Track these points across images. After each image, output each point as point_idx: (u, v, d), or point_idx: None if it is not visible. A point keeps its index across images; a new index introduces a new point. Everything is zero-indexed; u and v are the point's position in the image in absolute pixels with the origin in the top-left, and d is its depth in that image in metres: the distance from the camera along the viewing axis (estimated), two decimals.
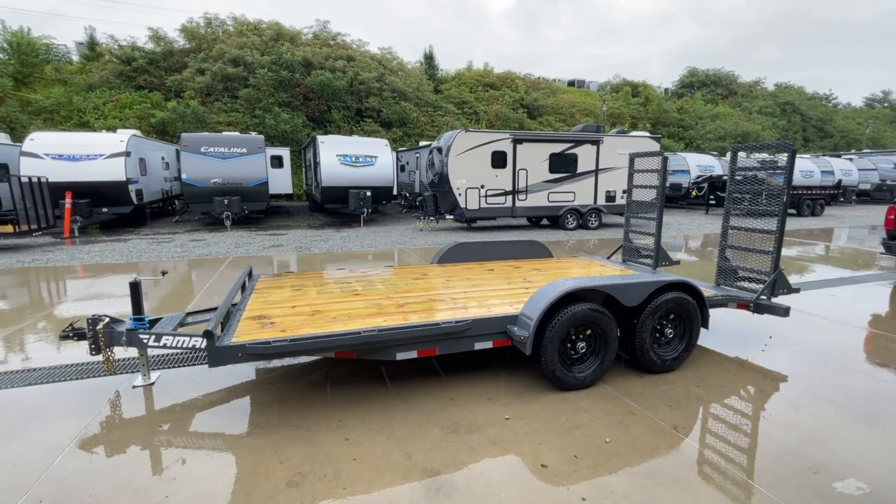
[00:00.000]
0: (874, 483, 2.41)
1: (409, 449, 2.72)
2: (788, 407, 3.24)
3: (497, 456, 2.65)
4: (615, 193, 13.55)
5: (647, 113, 38.60)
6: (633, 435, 2.87)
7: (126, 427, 2.98)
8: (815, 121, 43.02)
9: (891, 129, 46.99)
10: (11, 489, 2.36)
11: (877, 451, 2.70)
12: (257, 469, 2.53)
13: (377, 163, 14.98)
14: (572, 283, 3.38)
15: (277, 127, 24.73)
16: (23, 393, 3.44)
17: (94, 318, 3.34)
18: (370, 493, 2.34)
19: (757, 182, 4.65)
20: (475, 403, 3.27)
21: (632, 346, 3.64)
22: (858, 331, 4.92)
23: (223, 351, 2.80)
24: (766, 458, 2.63)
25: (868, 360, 4.10)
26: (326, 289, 4.24)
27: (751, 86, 46.61)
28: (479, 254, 5.75)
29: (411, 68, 33.84)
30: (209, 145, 13.78)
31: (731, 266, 4.91)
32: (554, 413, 3.13)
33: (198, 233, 12.83)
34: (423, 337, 3.21)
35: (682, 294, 3.69)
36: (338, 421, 3.04)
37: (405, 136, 28.70)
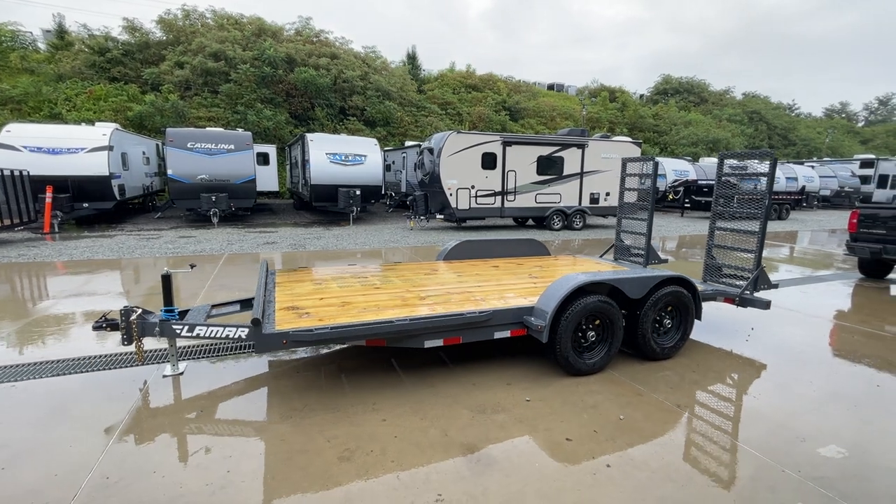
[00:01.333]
0: (851, 448, 2.79)
1: (443, 427, 2.96)
2: (773, 388, 3.63)
3: (525, 432, 2.92)
4: (599, 196, 14.08)
5: (623, 118, 39.79)
6: (643, 412, 3.19)
7: (169, 412, 3.11)
8: (780, 129, 45.25)
9: (848, 139, 49.85)
10: (76, 467, 2.48)
11: (851, 423, 3.10)
12: (307, 447, 2.72)
13: (367, 162, 15.08)
14: (584, 277, 3.69)
15: (260, 124, 24.41)
16: (56, 382, 3.51)
17: (126, 310, 3.44)
18: (417, 465, 2.57)
19: (732, 186, 5.08)
20: (496, 388, 3.53)
21: (634, 336, 3.98)
22: (828, 323, 5.42)
23: (269, 338, 2.98)
24: (759, 430, 2.99)
25: (838, 348, 4.57)
26: (346, 283, 4.42)
27: (721, 94, 48.59)
28: (482, 251, 6.02)
29: (395, 68, 33.89)
30: (196, 141, 13.61)
31: (716, 264, 5.34)
32: (570, 395, 3.43)
33: (184, 229, 12.66)
34: (450, 326, 3.45)
35: (680, 288, 4.05)
36: (372, 404, 3.25)
37: (389, 136, 28.76)
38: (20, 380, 3.53)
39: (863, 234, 7.41)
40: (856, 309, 6.10)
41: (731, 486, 2.43)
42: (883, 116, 64.56)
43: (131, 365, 3.83)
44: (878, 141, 51.10)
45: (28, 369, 3.71)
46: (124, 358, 3.95)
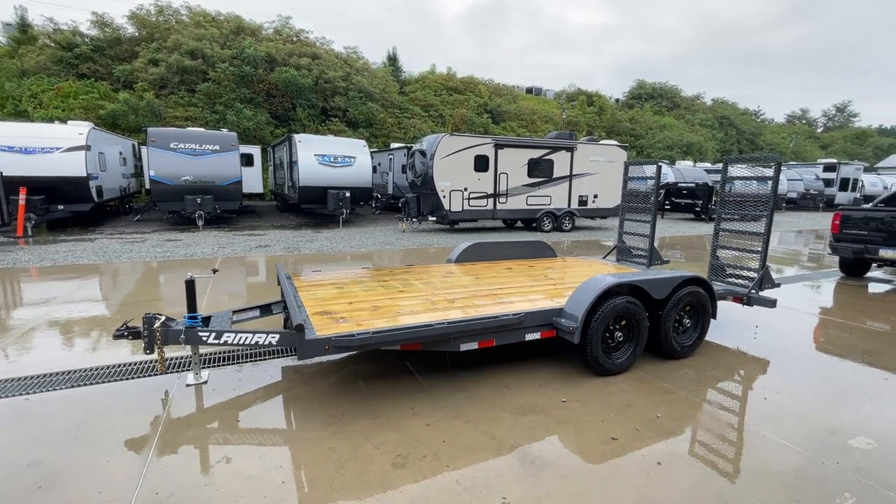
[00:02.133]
0: (877, 438, 2.94)
1: (488, 430, 2.97)
2: (790, 384, 3.78)
3: (570, 433, 2.96)
4: (587, 198, 14.35)
5: (601, 122, 40.70)
6: (676, 410, 3.28)
7: (201, 422, 3.01)
8: (748, 134, 47.19)
9: (810, 144, 52.41)
10: (120, 484, 2.37)
11: (870, 415, 3.27)
12: (357, 454, 2.67)
13: (356, 163, 14.93)
14: (612, 279, 3.76)
15: (240, 124, 23.85)
16: (72, 395, 3.33)
17: (149, 317, 3.31)
18: (473, 469, 2.56)
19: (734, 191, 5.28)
20: (529, 389, 3.56)
21: (656, 335, 4.07)
22: (825, 320, 5.69)
23: (312, 344, 2.91)
24: (788, 425, 3.11)
25: (839, 344, 4.80)
26: (368, 286, 4.37)
27: (692, 100, 50.33)
28: (492, 253, 6.06)
29: (376, 69, 33.70)
30: (180, 141, 13.18)
31: (720, 264, 5.53)
32: (603, 395, 3.48)
33: (168, 232, 12.24)
34: (485, 329, 3.45)
35: (698, 288, 4.18)
36: (410, 409, 3.22)
37: (372, 137, 28.55)
38: (33, 392, 3.34)
39: (845, 235, 7.80)
40: (845, 306, 6.41)
41: (781, 479, 2.52)
42: (840, 123, 68.15)
43: (147, 374, 3.68)
44: (837, 146, 53.93)
45: (38, 382, 3.51)
46: (137, 367, 3.79)
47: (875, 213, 7.58)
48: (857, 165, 30.37)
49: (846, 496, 2.38)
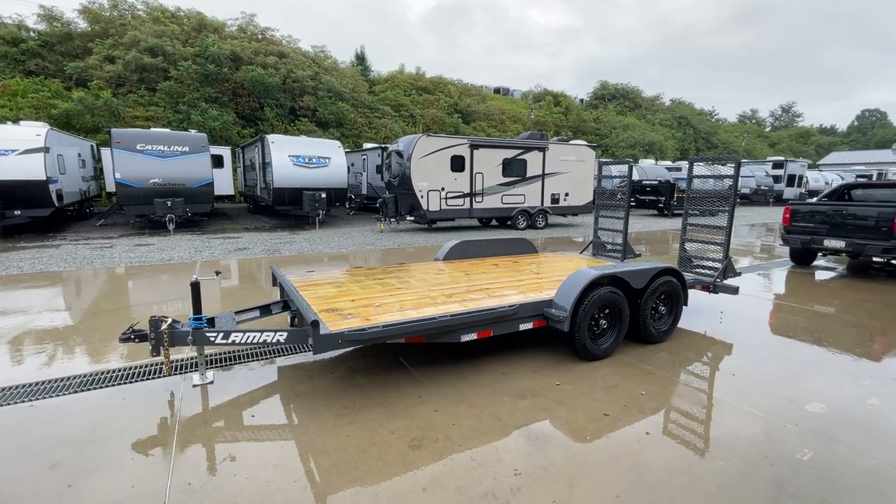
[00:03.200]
0: (828, 403, 3.37)
1: (493, 413, 3.21)
2: (754, 361, 4.21)
3: (566, 412, 3.24)
4: (559, 196, 14.87)
5: (567, 121, 41.82)
6: (658, 388, 3.63)
7: (217, 419, 3.10)
8: (704, 133, 49.66)
9: (759, 142, 55.71)
10: (150, 478, 2.46)
11: (822, 384, 3.72)
12: (374, 440, 2.86)
13: (331, 164, 14.88)
14: (596, 271, 4.08)
15: (205, 124, 23.14)
16: (78, 400, 3.34)
17: (156, 320, 3.37)
18: (484, 446, 2.80)
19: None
20: (525, 376, 3.82)
21: (635, 322, 4.43)
22: (778, 304, 6.26)
23: (326, 339, 3.07)
24: (755, 395, 3.51)
25: (794, 325, 5.33)
26: (364, 285, 4.52)
27: (652, 100, 52.44)
28: (477, 251, 6.31)
29: (345, 68, 33.40)
30: (146, 143, 12.77)
31: (688, 255, 5.99)
32: (592, 378, 3.79)
33: (137, 237, 11.85)
34: (484, 321, 3.70)
35: (672, 278, 4.57)
36: (418, 397, 3.42)
37: (343, 137, 28.30)
38: (36, 399, 3.33)
39: (795, 227, 8.53)
40: (797, 292, 7.05)
41: (751, 440, 2.89)
42: (786, 122, 72.71)
43: (149, 378, 3.71)
44: (784, 144, 57.56)
45: (38, 389, 3.49)
46: (136, 371, 3.81)
47: (820, 206, 8.32)
48: (801, 163, 32.57)
49: (805, 451, 2.77)
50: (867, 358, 4.33)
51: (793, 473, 2.56)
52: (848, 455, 2.74)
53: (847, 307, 6.10)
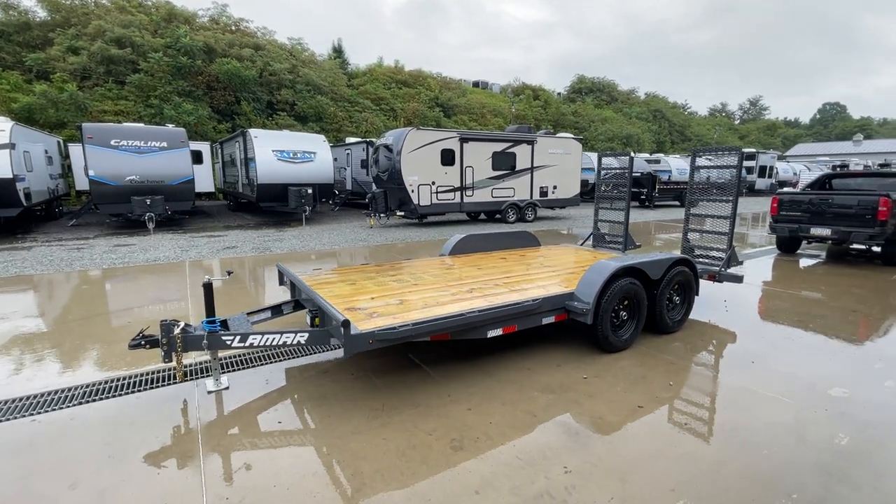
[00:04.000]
0: (849, 388, 3.45)
1: (526, 409, 3.15)
2: (767, 347, 4.29)
3: (600, 405, 3.21)
4: (547, 189, 14.93)
5: (547, 115, 42.09)
6: (683, 377, 3.64)
7: (242, 426, 2.94)
8: (678, 126, 50.82)
9: (730, 135, 57.42)
10: (182, 494, 2.30)
11: (837, 368, 3.80)
12: (413, 442, 2.76)
13: (317, 158, 14.52)
14: (617, 263, 4.06)
15: (179, 119, 22.25)
16: (85, 412, 3.12)
17: (168, 324, 3.17)
18: (526, 443, 2.73)
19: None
20: (549, 370, 3.78)
21: (651, 312, 4.45)
22: (775, 290, 6.42)
23: (357, 338, 2.94)
24: (777, 380, 3.56)
25: (796, 311, 5.46)
26: (378, 282, 4.39)
27: (628, 94, 53.28)
28: (481, 245, 6.23)
29: (323, 61, 32.68)
30: (121, 138, 12.16)
31: (690, 245, 6.06)
32: (616, 370, 3.78)
33: (116, 237, 11.31)
34: (509, 316, 3.63)
35: (685, 268, 4.61)
36: (447, 396, 3.33)
37: (323, 132, 27.70)
38: (37, 413, 3.09)
39: (782, 217, 8.77)
40: (789, 279, 7.25)
41: (785, 426, 2.91)
42: (753, 115, 75.15)
43: (157, 385, 3.51)
44: (752, 137, 59.49)
45: (38, 402, 3.24)
46: (143, 380, 3.60)
47: (806, 196, 8.58)
48: (772, 154, 33.70)
49: (841, 436, 2.81)
50: (870, 341, 4.47)
51: (836, 459, 2.59)
52: (884, 439, 2.80)
53: (838, 293, 6.30)
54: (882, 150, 49.89)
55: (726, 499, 2.27)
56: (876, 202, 7.56)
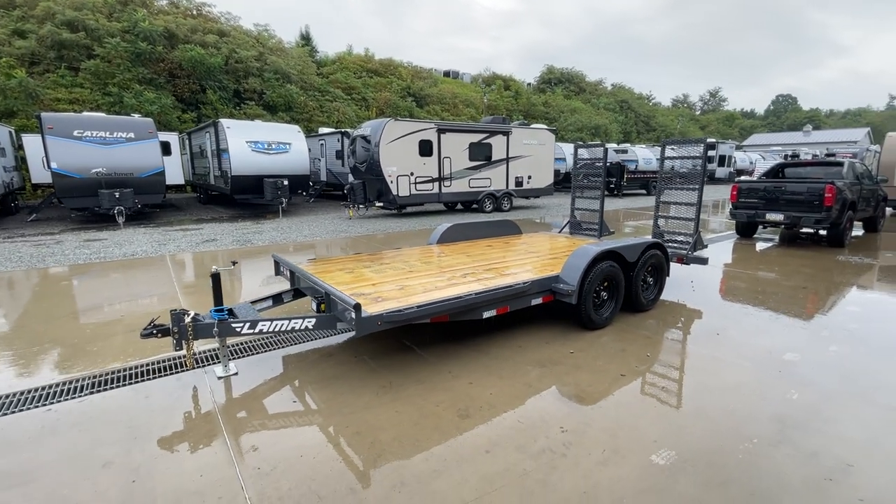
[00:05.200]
0: (800, 352, 3.93)
1: (522, 381, 3.45)
2: (731, 321, 4.76)
3: (588, 375, 3.55)
4: (522, 179, 15.32)
5: (518, 105, 42.57)
6: (658, 348, 4.04)
7: (258, 407, 3.11)
8: (643, 117, 52.42)
9: (692, 125, 59.71)
10: (215, 467, 2.47)
11: (790, 336, 4.30)
12: (423, 413, 3.01)
13: (292, 150, 14.37)
14: (598, 247, 4.40)
15: (141, 108, 21.35)
16: (98, 400, 3.21)
17: (178, 314, 3.29)
18: (525, 410, 3.03)
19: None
20: (540, 347, 4.10)
21: (629, 292, 4.84)
22: (735, 271, 6.99)
23: (367, 321, 3.14)
24: (740, 349, 4.00)
25: (755, 289, 6.00)
26: (375, 269, 4.58)
27: (595, 84, 54.45)
28: (467, 233, 6.49)
29: (292, 49, 31.85)
30: (84, 129, 11.68)
31: (660, 231, 6.51)
32: (599, 345, 4.14)
33: (83, 232, 10.92)
34: (503, 297, 3.91)
35: (657, 251, 5.01)
36: (448, 372, 3.59)
37: (293, 122, 27.17)
38: (52, 402, 3.15)
39: (741, 203, 9.44)
40: (748, 261, 7.88)
41: (748, 386, 3.33)
42: (713, 106, 78.25)
43: (164, 374, 3.61)
44: (712, 127, 62.07)
45: (47, 393, 3.29)
46: (148, 369, 3.69)
47: (762, 184, 9.26)
48: (730, 144, 35.41)
49: (793, 392, 3.25)
50: (818, 314, 5.02)
51: (790, 410, 3.01)
52: (827, 392, 3.26)
53: (790, 273, 6.93)
54: (829, 140, 53.17)
55: (700, 446, 2.64)
56: (823, 189, 8.28)
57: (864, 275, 6.79)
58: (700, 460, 2.51)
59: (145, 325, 3.26)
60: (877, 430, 2.80)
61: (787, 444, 2.65)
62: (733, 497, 2.24)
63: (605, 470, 2.44)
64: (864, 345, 4.12)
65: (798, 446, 2.64)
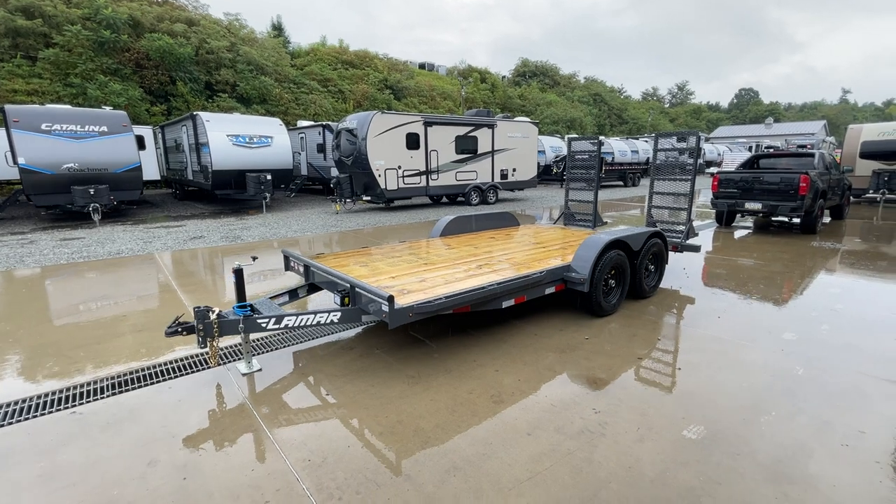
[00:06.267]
0: (797, 332, 4.20)
1: (546, 366, 3.57)
2: (728, 304, 5.01)
3: (606, 359, 3.70)
4: (508, 172, 15.48)
5: (494, 98, 42.77)
6: (667, 332, 4.23)
7: (291, 402, 3.11)
8: (616, 110, 53.52)
9: (662, 118, 61.38)
10: (263, 461, 2.48)
11: (786, 318, 4.58)
12: (458, 400, 3.08)
13: (274, 143, 14.06)
14: (607, 236, 4.55)
15: (107, 100, 20.39)
16: (125, 400, 3.14)
17: (202, 311, 3.25)
18: (556, 393, 3.15)
19: None
20: (554, 334, 4.23)
21: (633, 280, 5.03)
22: (721, 258, 7.33)
23: (400, 312, 3.18)
24: (742, 329, 4.24)
25: (738, 274, 6.32)
26: (389, 263, 4.60)
27: (569, 78, 55.20)
28: (469, 226, 6.57)
29: (265, 39, 30.93)
30: (53, 122, 11.11)
31: (654, 220, 6.76)
32: (610, 330, 4.31)
33: (57, 231, 10.42)
34: (521, 287, 4.01)
35: (658, 240, 5.22)
36: (473, 361, 3.68)
37: (268, 115, 26.48)
38: (75, 405, 3.07)
39: (721, 193, 9.85)
40: (729, 248, 8.25)
41: (758, 364, 3.55)
42: (681, 100, 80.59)
43: (184, 372, 3.56)
44: (681, 120, 63.99)
45: (68, 395, 3.20)
46: (168, 368, 3.63)
47: (740, 175, 9.69)
48: (701, 136, 36.57)
49: (798, 368, 3.49)
50: (803, 296, 5.35)
51: (797, 385, 3.24)
52: (827, 368, 3.51)
53: (771, 259, 7.31)
54: (789, 132, 55.70)
55: (725, 420, 2.82)
56: (798, 179, 8.74)
57: (837, 259, 7.24)
58: (727, 433, 2.69)
59: (169, 324, 3.19)
60: (877, 401, 3.05)
61: (801, 416, 2.86)
62: (762, 464, 2.42)
63: (643, 446, 2.58)
64: (851, 322, 4.43)
65: (811, 417, 2.85)
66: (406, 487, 2.27)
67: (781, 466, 2.40)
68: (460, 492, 2.23)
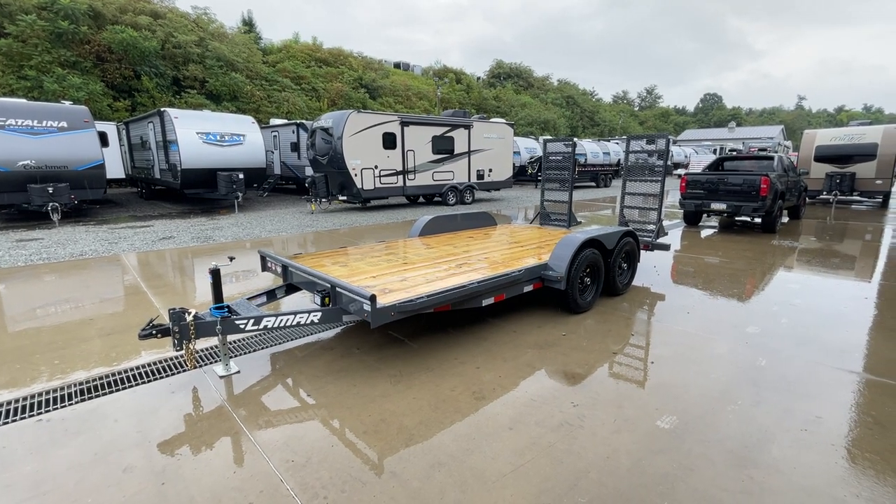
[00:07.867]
0: (760, 326, 4.43)
1: (525, 362, 3.65)
2: (696, 301, 5.24)
3: (583, 354, 3.81)
4: (484, 172, 15.61)
5: (469, 99, 43.00)
6: (638, 328, 4.39)
7: (272, 404, 3.08)
8: (588, 112, 54.71)
9: (632, 121, 63.14)
10: (244, 464, 2.46)
11: (748, 314, 4.82)
12: (440, 397, 3.12)
13: (246, 141, 13.74)
14: (582, 236, 4.68)
15: (65, 94, 19.43)
16: (97, 406, 3.03)
17: (178, 313, 3.18)
18: (535, 388, 3.23)
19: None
20: (533, 332, 4.32)
21: (607, 277, 5.18)
22: (689, 256, 7.63)
23: (381, 311, 3.19)
24: (709, 324, 4.44)
25: (705, 271, 6.60)
26: (370, 262, 4.59)
27: (542, 80, 56.07)
28: (447, 226, 6.62)
29: (235, 34, 30.11)
30: (7, 116, 10.53)
31: (626, 220, 6.97)
32: (587, 327, 4.43)
33: (12, 231, 9.88)
34: (501, 285, 4.08)
35: (630, 239, 5.40)
36: (454, 359, 3.72)
37: (239, 112, 25.81)
38: (42, 412, 2.94)
39: (689, 194, 10.24)
40: (697, 246, 8.60)
41: (724, 357, 3.74)
42: (650, 103, 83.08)
43: (158, 376, 3.47)
44: (650, 123, 65.99)
45: (33, 402, 3.07)
46: (142, 372, 3.52)
47: (706, 176, 10.10)
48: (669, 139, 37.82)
49: (761, 359, 3.69)
50: (765, 291, 5.64)
51: (760, 375, 3.43)
52: (788, 359, 3.72)
53: (735, 257, 7.66)
54: (750, 136, 58.24)
55: (695, 410, 2.96)
56: (759, 180, 9.18)
57: (796, 257, 7.65)
58: (698, 422, 2.82)
59: (143, 326, 3.11)
60: (832, 388, 3.26)
61: (764, 404, 3.03)
62: (730, 449, 2.55)
63: (620, 437, 2.68)
64: (808, 316, 4.71)
65: (773, 405, 3.02)
66: (392, 484, 2.29)
67: (747, 451, 2.54)
68: (446, 486, 2.27)
